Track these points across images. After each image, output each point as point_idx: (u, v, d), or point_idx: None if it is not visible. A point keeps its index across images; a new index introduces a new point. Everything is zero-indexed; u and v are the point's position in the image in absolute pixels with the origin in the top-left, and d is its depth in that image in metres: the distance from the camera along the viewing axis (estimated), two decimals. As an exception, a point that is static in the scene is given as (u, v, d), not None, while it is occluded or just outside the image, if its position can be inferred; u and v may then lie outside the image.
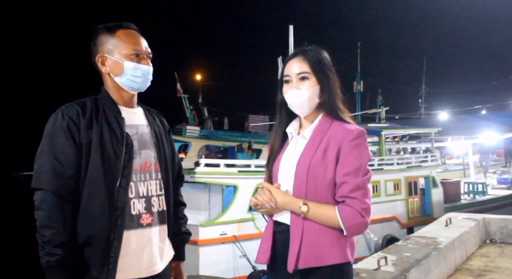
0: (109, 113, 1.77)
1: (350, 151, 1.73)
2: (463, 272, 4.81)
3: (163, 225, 1.86)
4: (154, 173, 1.84)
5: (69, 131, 1.69)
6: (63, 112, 1.72)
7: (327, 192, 1.75)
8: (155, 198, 1.83)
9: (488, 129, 17.07)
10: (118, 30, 1.82)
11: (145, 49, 1.84)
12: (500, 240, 5.98)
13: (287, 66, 1.86)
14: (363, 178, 1.72)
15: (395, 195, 11.72)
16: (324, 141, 1.77)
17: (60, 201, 1.64)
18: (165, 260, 1.87)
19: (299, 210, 1.73)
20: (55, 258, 1.60)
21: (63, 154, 1.67)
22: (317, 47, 1.88)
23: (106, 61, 1.82)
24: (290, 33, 13.31)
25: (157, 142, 1.88)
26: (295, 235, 1.75)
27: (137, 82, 1.82)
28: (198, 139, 23.98)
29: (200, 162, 8.92)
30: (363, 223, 1.70)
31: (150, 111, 1.98)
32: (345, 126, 1.79)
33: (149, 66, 1.85)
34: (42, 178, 1.66)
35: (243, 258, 8.48)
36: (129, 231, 1.72)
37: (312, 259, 1.71)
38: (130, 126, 1.80)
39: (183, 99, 26.62)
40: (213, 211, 8.97)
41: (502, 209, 13.12)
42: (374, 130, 13.04)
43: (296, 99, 1.80)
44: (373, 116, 24.45)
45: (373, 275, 3.57)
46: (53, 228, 1.61)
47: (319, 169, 1.74)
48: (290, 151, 1.87)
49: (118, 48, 1.80)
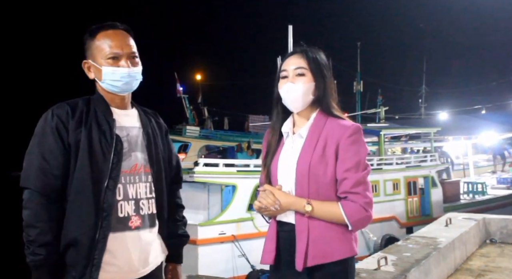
0: (99, 115, 1.74)
1: (348, 147, 1.75)
2: (463, 272, 4.80)
3: (153, 228, 1.82)
4: (144, 175, 1.80)
5: (58, 131, 1.67)
6: (53, 112, 1.70)
7: (329, 189, 1.77)
8: (145, 201, 1.79)
9: (488, 129, 17.08)
10: (99, 33, 1.76)
11: (125, 50, 1.76)
12: (500, 240, 5.97)
13: (285, 62, 1.88)
14: (363, 173, 1.75)
15: (394, 194, 11.73)
16: (322, 138, 1.79)
17: (46, 201, 1.63)
18: (154, 263, 1.84)
19: (303, 210, 1.75)
20: (38, 258, 1.60)
21: (51, 154, 1.65)
22: (316, 48, 1.91)
23: (90, 67, 1.79)
24: (290, 33, 13.33)
25: (149, 144, 1.83)
26: (301, 234, 1.76)
27: (118, 86, 1.76)
28: (198, 139, 23.99)
29: (199, 161, 8.92)
30: (367, 217, 1.73)
31: (146, 113, 1.93)
32: (341, 123, 1.81)
33: (129, 68, 1.76)
34: (29, 177, 1.65)
35: (242, 258, 8.48)
36: (115, 233, 1.69)
37: (320, 256, 1.73)
38: (120, 128, 1.77)
39: (183, 99, 26.64)
40: (212, 211, 8.97)
41: (501, 209, 13.12)
42: (374, 130, 13.05)
43: (290, 93, 1.82)
44: (373, 116, 24.45)
45: (373, 275, 3.55)
46: (38, 228, 1.60)
47: (320, 166, 1.75)
48: (287, 150, 1.88)
49: (98, 52, 1.75)
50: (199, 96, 29.28)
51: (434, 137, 15.59)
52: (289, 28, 13.33)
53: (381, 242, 10.48)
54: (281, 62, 1.92)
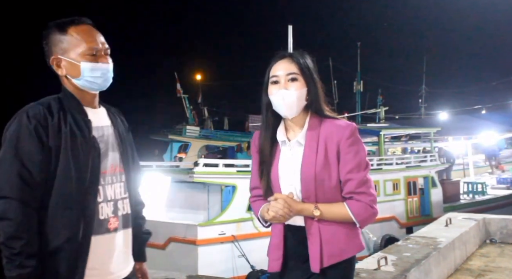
0: (76, 116, 1.67)
1: (349, 148, 1.79)
2: (463, 272, 4.80)
3: (127, 228, 1.79)
4: (119, 175, 1.77)
5: (37, 135, 1.57)
6: (28, 114, 1.59)
7: (334, 192, 1.81)
8: (120, 201, 1.76)
9: (488, 129, 17.06)
10: (70, 27, 1.68)
11: (101, 46, 1.71)
12: (500, 240, 5.97)
13: (275, 67, 1.86)
14: (365, 171, 1.80)
15: (394, 194, 11.72)
16: (321, 142, 1.81)
17: (27, 210, 1.53)
18: (130, 264, 1.82)
19: (312, 215, 1.79)
20: (27, 271, 1.50)
21: (30, 159, 1.56)
22: (301, 51, 1.91)
23: (61, 63, 1.69)
24: (290, 33, 13.32)
25: (121, 142, 1.80)
26: (313, 236, 1.80)
27: (97, 83, 1.71)
28: (198, 139, 23.99)
29: (199, 162, 8.92)
30: (374, 214, 1.81)
31: (111, 110, 1.88)
32: (337, 123, 1.83)
33: (108, 64, 1.72)
34: (6, 185, 1.54)
35: (242, 258, 8.48)
36: (96, 236, 1.65)
37: (336, 255, 1.79)
38: (96, 128, 1.71)
39: (183, 99, 26.64)
40: (212, 211, 8.96)
41: (501, 209, 13.11)
42: (374, 130, 13.04)
43: (286, 99, 1.80)
44: (373, 116, 24.45)
45: (373, 275, 3.55)
46: (23, 239, 1.50)
47: (325, 172, 1.79)
48: (287, 158, 1.87)
49: (72, 48, 1.67)
50: (199, 96, 29.30)
51: (434, 137, 15.59)
52: (289, 28, 13.32)
53: (381, 242, 10.46)
54: (269, 66, 1.89)
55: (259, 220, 1.96)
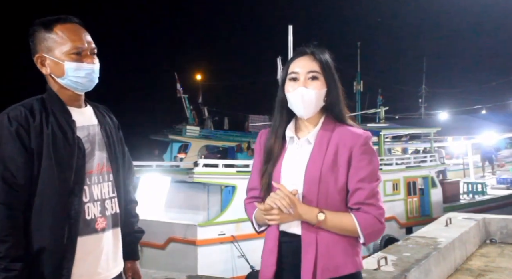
0: (59, 116, 1.65)
1: (362, 156, 1.68)
2: (463, 272, 4.80)
3: (116, 228, 1.77)
4: (106, 174, 1.75)
5: (19, 137, 1.55)
6: (9, 116, 1.57)
7: (337, 198, 1.69)
8: (108, 201, 1.74)
9: (488, 129, 17.06)
10: (56, 26, 1.65)
11: (87, 45, 1.67)
12: (500, 240, 5.97)
13: (295, 63, 1.76)
14: (377, 183, 1.68)
15: (394, 195, 11.70)
16: (332, 145, 1.70)
17: (12, 212, 1.52)
18: (120, 264, 1.80)
19: (315, 219, 1.64)
20: (13, 274, 1.48)
21: (13, 161, 1.54)
22: (323, 48, 1.80)
23: (46, 61, 1.67)
24: (290, 33, 13.30)
25: (108, 141, 1.77)
26: (308, 246, 1.66)
27: (81, 83, 1.67)
28: (198, 139, 23.97)
29: (198, 162, 8.92)
30: (381, 229, 1.67)
31: (99, 109, 1.85)
32: (352, 130, 1.72)
33: (93, 64, 1.68)
34: None
35: (242, 258, 8.46)
36: (83, 236, 1.63)
37: (331, 270, 1.65)
38: (81, 128, 1.69)
39: (183, 99, 26.64)
40: (211, 211, 8.95)
41: (501, 209, 13.11)
42: (374, 130, 13.03)
43: (305, 98, 1.70)
44: (373, 116, 24.44)
45: (373, 275, 3.55)
46: (7, 242, 1.49)
47: (331, 174, 1.67)
48: (293, 156, 1.77)
49: (57, 46, 1.64)
50: (199, 96, 29.29)
51: (434, 138, 15.59)
52: (289, 28, 13.29)
53: (381, 242, 10.44)
54: (289, 61, 1.79)
55: (252, 223, 1.85)
